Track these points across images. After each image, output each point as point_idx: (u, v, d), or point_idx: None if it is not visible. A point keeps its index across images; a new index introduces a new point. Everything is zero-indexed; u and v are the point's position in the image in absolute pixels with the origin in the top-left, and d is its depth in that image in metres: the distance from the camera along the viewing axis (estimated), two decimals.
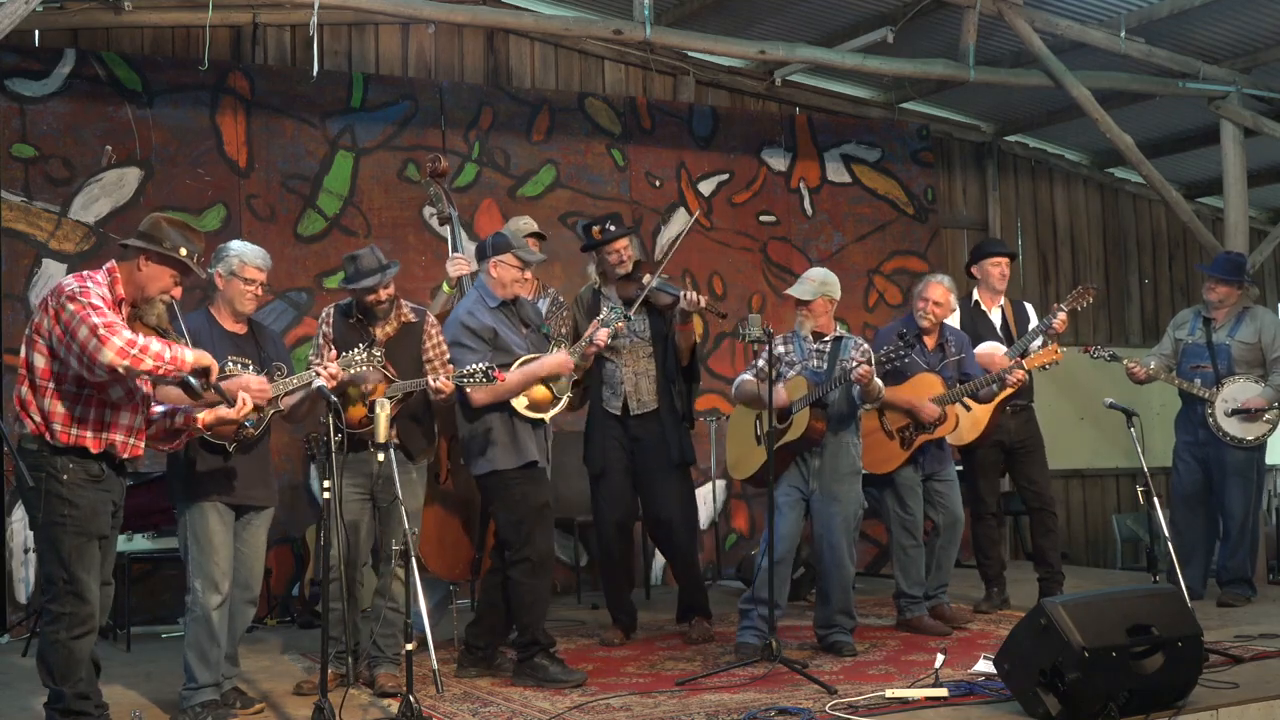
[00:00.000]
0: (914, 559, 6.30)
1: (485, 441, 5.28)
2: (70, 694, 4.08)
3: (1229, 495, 6.90)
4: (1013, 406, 6.69)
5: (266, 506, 4.96)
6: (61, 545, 4.06)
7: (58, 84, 7.25)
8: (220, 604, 4.75)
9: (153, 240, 4.22)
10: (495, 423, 5.28)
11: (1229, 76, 8.58)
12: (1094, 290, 6.76)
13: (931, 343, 6.42)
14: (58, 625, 4.07)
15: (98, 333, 3.94)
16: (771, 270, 9.07)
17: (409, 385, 5.23)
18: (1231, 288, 6.99)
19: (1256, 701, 4.60)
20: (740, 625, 5.78)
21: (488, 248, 5.46)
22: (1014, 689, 4.48)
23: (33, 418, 4.10)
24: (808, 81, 9.54)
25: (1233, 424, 6.81)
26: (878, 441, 6.25)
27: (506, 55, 8.65)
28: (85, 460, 4.12)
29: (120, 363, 3.94)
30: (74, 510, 4.08)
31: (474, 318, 5.35)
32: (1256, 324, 6.93)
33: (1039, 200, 10.53)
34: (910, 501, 6.31)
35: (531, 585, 5.25)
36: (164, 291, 4.26)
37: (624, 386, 6.25)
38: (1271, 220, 11.24)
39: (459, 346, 5.32)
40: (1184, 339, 7.09)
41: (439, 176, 6.15)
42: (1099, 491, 10.45)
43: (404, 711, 4.37)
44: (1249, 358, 6.89)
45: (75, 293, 4.05)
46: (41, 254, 7.11)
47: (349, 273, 5.34)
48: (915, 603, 6.31)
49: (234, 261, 4.90)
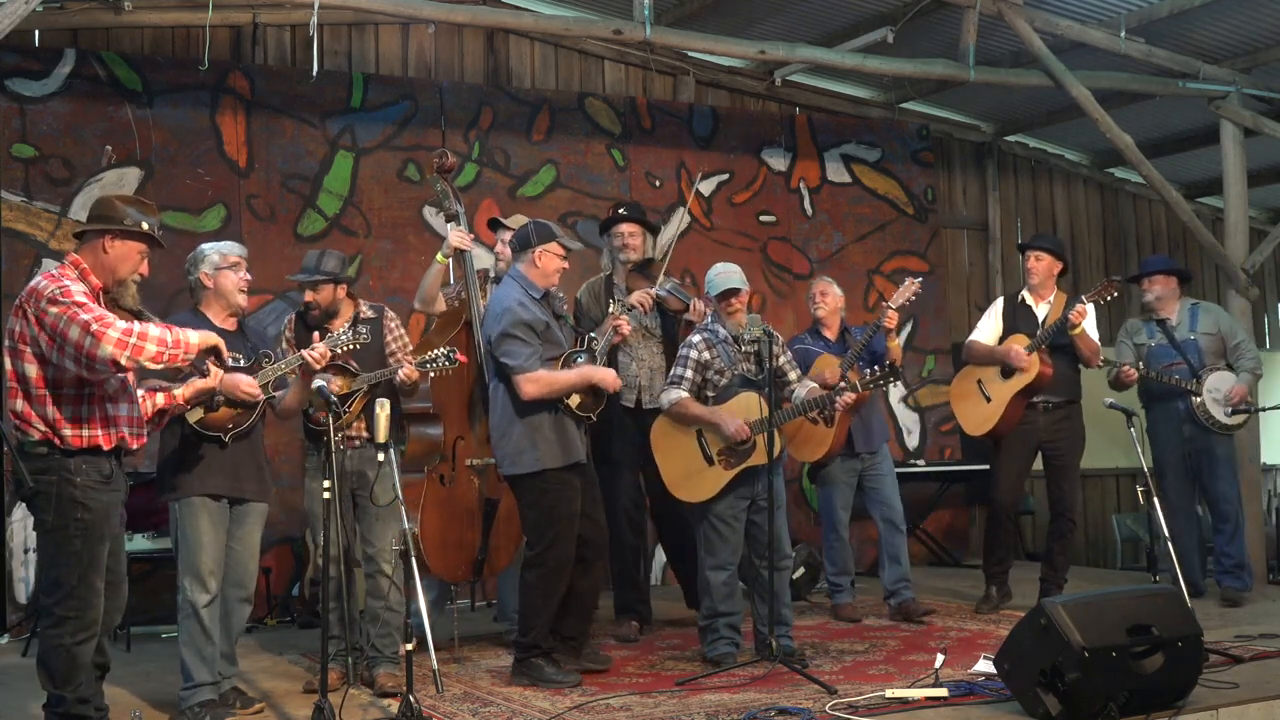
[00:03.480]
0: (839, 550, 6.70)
1: (532, 439, 5.19)
2: (71, 698, 4.04)
3: (1220, 482, 6.94)
4: (1044, 403, 6.58)
5: (259, 501, 4.94)
6: (72, 547, 4.00)
7: (58, 84, 7.25)
8: (210, 601, 4.74)
9: (112, 220, 4.12)
10: (546, 420, 5.20)
11: (1229, 76, 8.59)
12: (1118, 283, 6.60)
13: (833, 334, 6.71)
14: (61, 629, 4.01)
15: (91, 329, 3.84)
16: (771, 270, 9.06)
17: (377, 375, 5.21)
18: (1168, 278, 7.08)
19: (1256, 701, 4.60)
20: (708, 640, 5.60)
21: (530, 236, 5.37)
22: (1014, 689, 4.47)
23: (37, 427, 3.99)
24: (808, 81, 9.54)
25: (1221, 412, 6.88)
26: (807, 432, 6.37)
27: (506, 55, 8.65)
28: (97, 460, 4.06)
29: (120, 354, 3.84)
30: (87, 514, 4.01)
31: (528, 310, 5.24)
32: (1212, 316, 7.10)
33: (1039, 200, 10.54)
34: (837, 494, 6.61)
35: (544, 590, 5.23)
36: (133, 270, 4.16)
37: (637, 380, 6.28)
38: (1271, 220, 11.25)
39: (513, 339, 5.18)
40: (1145, 343, 7.09)
41: (445, 172, 6.13)
42: (1099, 491, 10.45)
43: (404, 711, 4.37)
44: (1214, 348, 6.99)
45: (55, 295, 3.92)
46: (41, 254, 7.11)
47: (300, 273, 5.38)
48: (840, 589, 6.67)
49: (215, 258, 4.91)
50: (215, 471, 4.76)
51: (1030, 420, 6.59)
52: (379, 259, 7.90)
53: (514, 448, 5.22)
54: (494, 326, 5.25)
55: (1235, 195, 8.63)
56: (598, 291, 6.44)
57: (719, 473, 5.49)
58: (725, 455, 5.49)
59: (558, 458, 5.21)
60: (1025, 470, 6.80)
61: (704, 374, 5.58)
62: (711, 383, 5.56)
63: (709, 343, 5.58)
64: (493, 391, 5.38)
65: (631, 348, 6.30)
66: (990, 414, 6.56)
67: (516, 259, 5.41)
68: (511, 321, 5.18)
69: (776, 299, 8.92)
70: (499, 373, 5.27)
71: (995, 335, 6.73)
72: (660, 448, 5.74)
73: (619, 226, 6.49)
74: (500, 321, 5.22)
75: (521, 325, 5.18)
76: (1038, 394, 6.54)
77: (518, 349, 5.16)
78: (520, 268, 5.36)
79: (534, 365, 5.17)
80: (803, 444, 6.57)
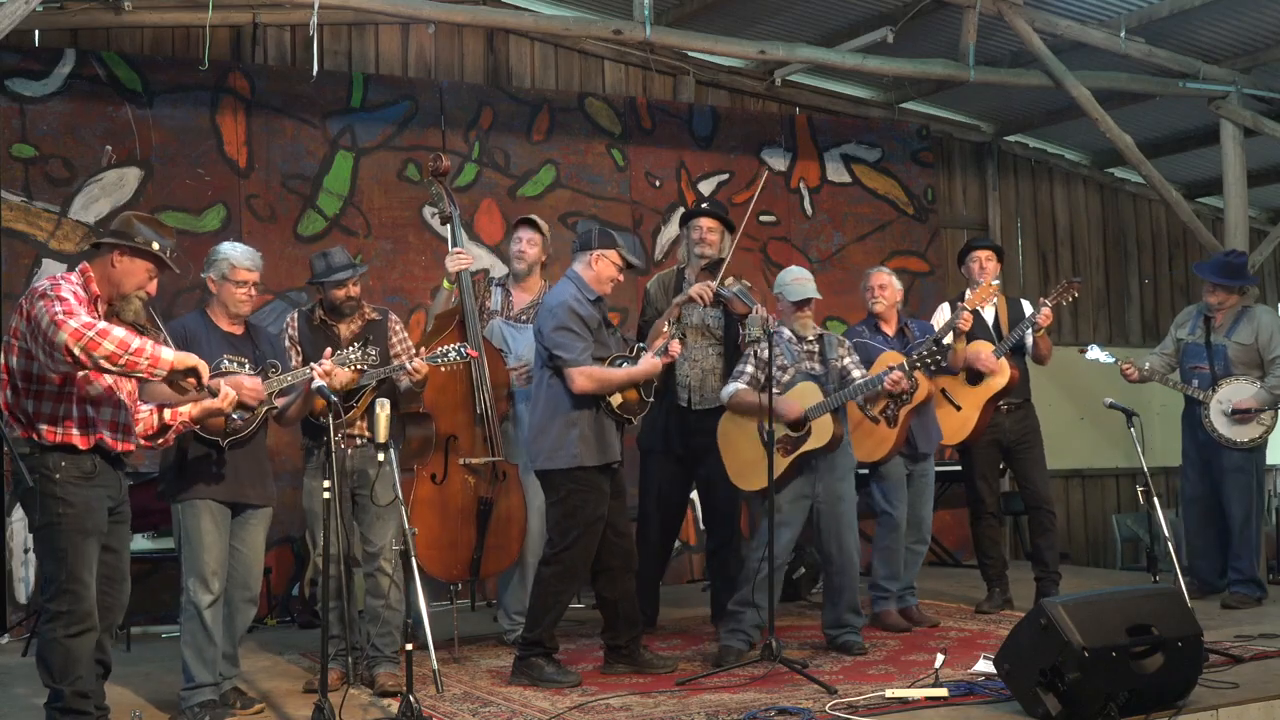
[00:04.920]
0: (894, 553, 6.36)
1: (570, 435, 5.19)
2: (69, 692, 4.06)
3: (1229, 497, 6.86)
4: (1008, 404, 6.67)
5: (262, 506, 4.95)
6: (58, 543, 4.04)
7: (58, 84, 7.25)
8: (213, 603, 4.75)
9: (125, 236, 4.20)
10: (586, 418, 5.21)
11: (1229, 76, 8.58)
12: (1079, 284, 6.67)
13: (891, 329, 6.52)
14: (55, 624, 4.05)
15: (55, 318, 3.89)
16: (771, 270, 9.03)
17: (385, 370, 5.23)
18: (1229, 293, 6.90)
19: (1256, 701, 4.60)
20: (728, 628, 5.67)
21: (592, 239, 5.41)
22: (1014, 689, 4.47)
23: (19, 419, 4.08)
24: (808, 81, 9.54)
25: (1227, 426, 6.76)
26: (865, 431, 6.26)
27: (506, 55, 8.65)
28: (76, 457, 4.10)
29: (74, 344, 3.84)
30: (68, 508, 4.05)
31: (584, 306, 5.27)
32: (1254, 325, 6.84)
33: (1039, 200, 10.54)
34: (895, 498, 6.34)
35: (556, 589, 5.24)
36: (139, 287, 4.22)
37: (689, 380, 6.25)
38: (1271, 220, 11.24)
39: (567, 331, 5.19)
40: (1185, 338, 7.05)
41: (440, 175, 6.15)
42: (1099, 491, 10.45)
43: (404, 711, 4.37)
44: (1246, 359, 6.82)
45: (46, 290, 4.02)
46: (41, 254, 7.11)
47: (319, 268, 5.37)
48: (885, 597, 6.37)
49: (224, 265, 4.91)
50: (216, 477, 4.77)
51: (996, 422, 6.67)
52: (379, 259, 7.89)
53: (551, 444, 5.24)
54: (548, 320, 5.26)
55: (1235, 195, 8.62)
56: (668, 283, 6.40)
57: (778, 459, 5.57)
58: (782, 442, 5.61)
59: (593, 456, 5.22)
60: (998, 470, 6.92)
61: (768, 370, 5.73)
62: (776, 379, 5.68)
63: (774, 341, 5.75)
64: (536, 385, 5.40)
65: (688, 347, 6.15)
66: (964, 422, 6.57)
67: (575, 259, 5.45)
68: (567, 315, 5.22)
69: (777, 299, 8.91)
70: (548, 366, 5.28)
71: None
72: (725, 442, 5.91)
73: (698, 220, 6.37)
74: (555, 315, 5.24)
75: (577, 319, 5.22)
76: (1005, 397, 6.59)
77: (572, 342, 5.19)
78: (577, 269, 5.40)
79: (587, 359, 5.20)
80: (864, 441, 6.37)
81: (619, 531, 5.39)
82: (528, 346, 5.98)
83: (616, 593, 5.39)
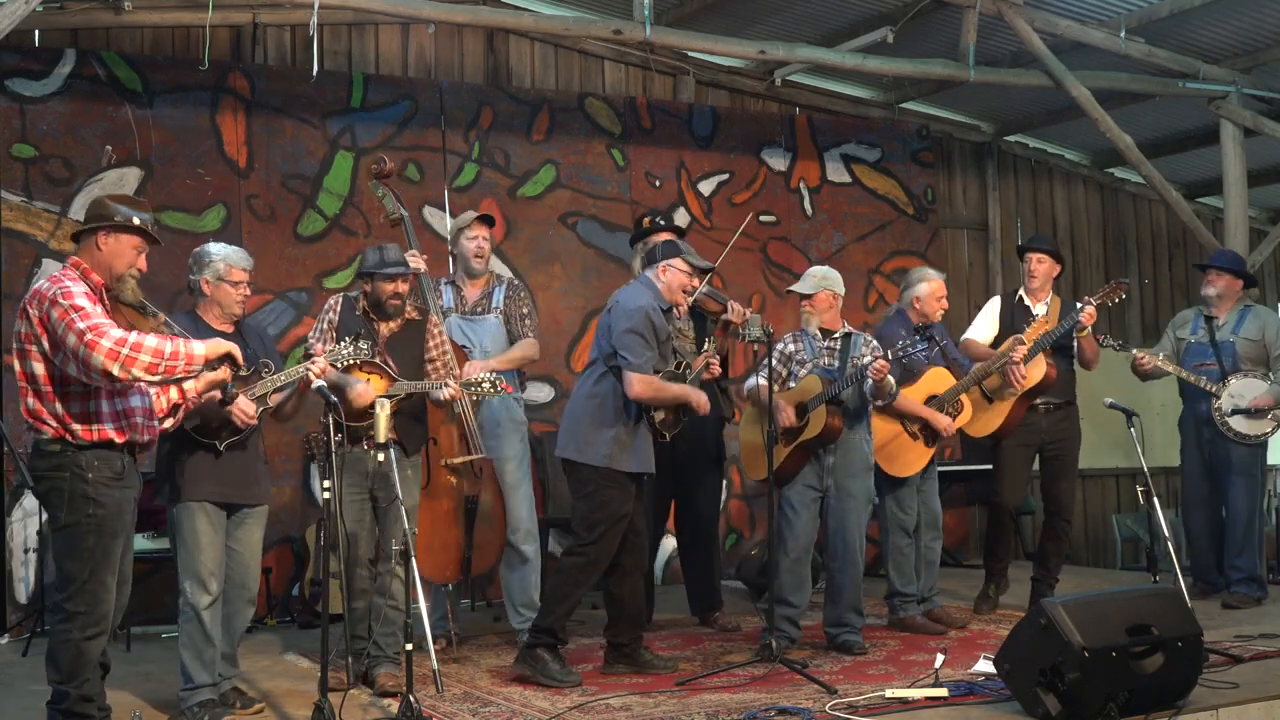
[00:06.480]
0: (908, 558, 6.34)
1: (605, 435, 5.24)
2: (75, 694, 4.06)
3: (1233, 493, 6.87)
4: (1046, 404, 6.57)
5: (258, 504, 4.94)
6: (85, 543, 4.04)
7: (58, 84, 7.25)
8: (210, 603, 4.74)
9: (104, 218, 4.21)
10: (626, 423, 5.26)
11: (1229, 76, 8.59)
12: (1126, 285, 6.60)
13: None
14: (71, 624, 4.05)
15: (85, 339, 3.90)
16: (771, 270, 9.06)
17: (416, 387, 5.27)
18: (1233, 278, 6.96)
19: (1256, 701, 4.60)
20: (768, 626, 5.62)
21: (657, 253, 5.50)
22: (1014, 689, 4.48)
23: (49, 424, 4.05)
24: (808, 81, 9.54)
25: (1238, 420, 6.79)
26: (904, 445, 6.24)
27: (506, 55, 8.65)
28: (109, 456, 4.10)
29: (112, 365, 3.88)
30: (100, 509, 4.06)
31: (659, 315, 5.32)
32: (1260, 321, 6.90)
33: (1039, 200, 10.54)
34: (908, 500, 6.33)
35: (576, 581, 5.28)
36: (130, 265, 4.23)
37: None
38: (1271, 220, 11.24)
39: (638, 336, 5.22)
40: (1186, 338, 7.06)
41: (384, 178, 6.14)
42: (1099, 491, 10.45)
43: (404, 711, 4.36)
44: (1254, 355, 6.86)
45: (56, 296, 3.99)
46: (41, 254, 7.11)
47: (372, 260, 5.38)
48: (909, 601, 6.32)
49: (220, 266, 4.90)
50: (212, 478, 4.75)
51: (1032, 422, 6.58)
52: None
53: (584, 438, 5.28)
54: (622, 321, 5.28)
55: (1235, 195, 8.62)
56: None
57: (779, 449, 5.69)
58: (784, 433, 5.75)
59: (627, 462, 5.27)
60: (1028, 471, 6.82)
61: (788, 366, 5.90)
62: (794, 374, 5.85)
63: (796, 337, 5.96)
64: (585, 375, 5.44)
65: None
66: (994, 415, 6.55)
67: (646, 270, 5.54)
68: (642, 320, 5.25)
69: (777, 299, 8.91)
70: (606, 362, 5.32)
71: (990, 335, 6.73)
72: (745, 435, 6.07)
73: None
74: (631, 318, 5.26)
75: (650, 327, 5.27)
76: (1040, 396, 6.54)
77: (640, 348, 5.22)
78: (649, 276, 5.48)
79: (648, 368, 5.25)
80: (894, 457, 6.25)
81: (635, 530, 5.43)
82: (490, 338, 6.07)
83: (625, 590, 5.43)
